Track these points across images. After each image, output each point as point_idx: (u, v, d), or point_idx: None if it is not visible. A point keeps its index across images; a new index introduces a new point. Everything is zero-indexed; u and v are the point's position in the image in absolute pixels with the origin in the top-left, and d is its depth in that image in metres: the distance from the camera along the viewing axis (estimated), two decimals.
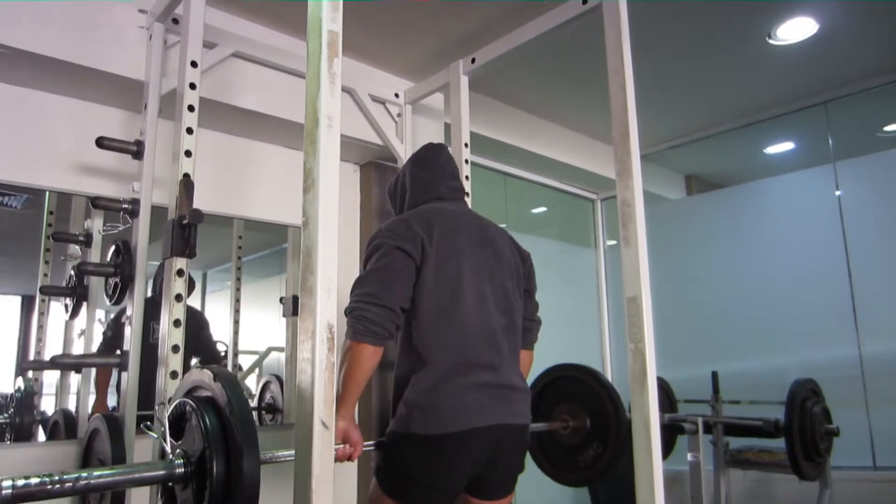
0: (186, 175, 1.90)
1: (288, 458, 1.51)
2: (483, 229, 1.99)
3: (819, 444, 2.89)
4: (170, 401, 1.36)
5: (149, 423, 1.44)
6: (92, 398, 2.42)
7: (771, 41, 3.04)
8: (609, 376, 4.58)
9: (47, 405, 2.39)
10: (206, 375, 1.26)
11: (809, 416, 2.87)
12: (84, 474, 1.14)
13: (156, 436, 1.36)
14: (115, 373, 2.43)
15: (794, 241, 3.89)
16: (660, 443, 1.68)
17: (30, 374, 2.36)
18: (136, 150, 2.14)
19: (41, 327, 2.41)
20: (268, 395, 3.06)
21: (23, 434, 2.27)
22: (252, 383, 3.14)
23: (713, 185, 5.23)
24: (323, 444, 1.04)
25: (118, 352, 2.06)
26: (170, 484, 1.25)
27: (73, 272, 2.44)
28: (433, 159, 2.11)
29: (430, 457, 1.70)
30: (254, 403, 3.12)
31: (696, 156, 4.73)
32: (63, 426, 2.32)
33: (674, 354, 3.35)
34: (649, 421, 1.68)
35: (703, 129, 4.25)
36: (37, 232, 2.40)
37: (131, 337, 2.00)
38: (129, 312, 2.05)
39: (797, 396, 2.86)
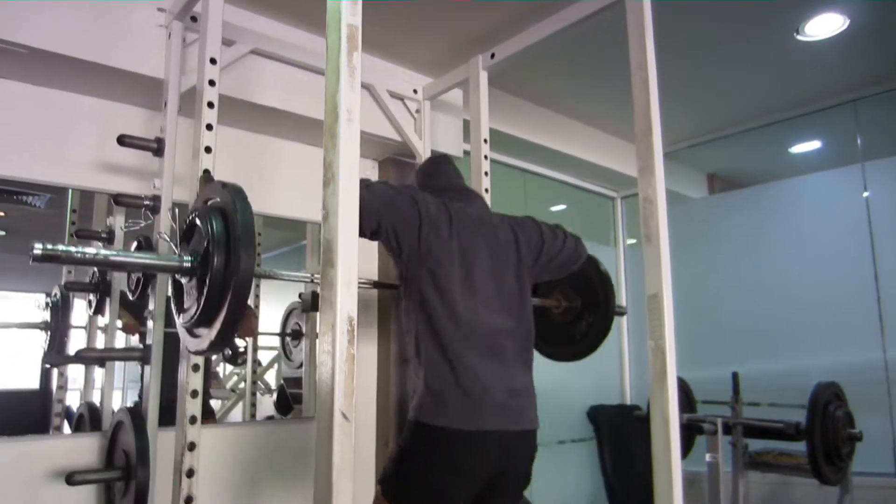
0: (206, 171, 1.91)
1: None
2: (494, 231, 2.00)
3: (841, 449, 2.86)
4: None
5: (163, 232, 1.58)
6: (116, 393, 2.45)
7: (799, 37, 2.98)
8: (627, 372, 4.56)
9: (72, 400, 2.43)
10: (218, 187, 1.39)
11: (832, 420, 2.83)
12: (104, 252, 1.35)
13: (168, 239, 1.52)
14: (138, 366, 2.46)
15: (819, 242, 3.84)
16: (679, 441, 1.66)
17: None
18: (157, 148, 2.16)
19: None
20: (292, 322, 3.09)
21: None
22: (271, 379, 3.17)
23: (736, 184, 5.17)
24: (344, 436, 1.04)
25: (141, 346, 2.08)
26: (177, 276, 1.42)
27: (95, 269, 2.47)
28: (440, 169, 2.15)
29: (438, 458, 1.70)
30: (273, 398, 3.14)
31: (719, 154, 4.68)
32: (88, 419, 2.35)
33: (693, 355, 3.31)
34: (669, 418, 1.66)
35: (727, 128, 4.20)
36: (60, 231, 2.43)
37: (154, 332, 2.02)
38: (151, 307, 2.07)
39: (820, 399, 2.83)
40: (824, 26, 2.90)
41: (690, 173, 5.03)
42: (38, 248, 1.19)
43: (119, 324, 2.49)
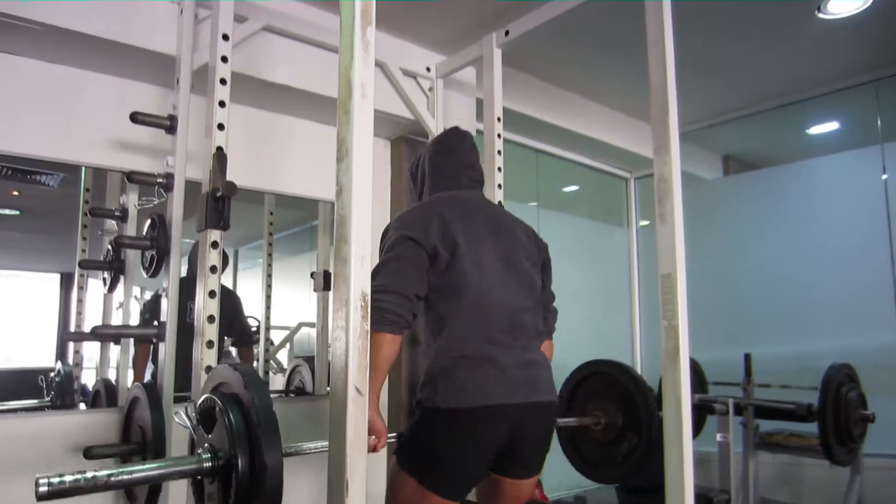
0: (219, 148, 1.92)
1: (312, 451, 1.57)
2: (499, 216, 2.00)
3: (853, 430, 2.85)
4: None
5: (179, 413, 1.50)
6: (130, 372, 2.48)
7: (820, 14, 2.92)
8: (638, 354, 4.57)
9: (88, 378, 2.45)
10: (233, 375, 1.30)
11: (844, 401, 2.82)
12: (116, 471, 1.18)
13: (188, 427, 1.42)
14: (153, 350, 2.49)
15: (835, 224, 3.81)
16: (690, 421, 1.66)
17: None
18: (170, 125, 2.16)
19: (80, 301, 2.47)
20: (297, 380, 3.11)
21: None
22: (283, 358, 3.19)
23: (751, 165, 5.12)
24: (357, 410, 1.05)
25: (156, 323, 2.09)
26: (199, 477, 1.30)
27: (109, 246, 2.49)
28: (455, 147, 2.09)
29: (452, 431, 1.69)
30: (284, 378, 3.17)
31: (735, 135, 4.63)
32: (104, 395, 2.38)
33: (705, 336, 3.30)
34: (681, 398, 1.66)
35: (744, 108, 4.15)
36: (73, 210, 2.45)
37: (168, 308, 2.03)
38: (165, 284, 2.08)
39: (832, 381, 2.82)
40: (847, 4, 2.84)
41: (705, 154, 4.98)
42: (43, 487, 1.08)
43: (133, 301, 2.52)
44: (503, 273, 1.84)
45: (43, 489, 1.07)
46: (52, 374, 2.37)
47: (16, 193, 2.40)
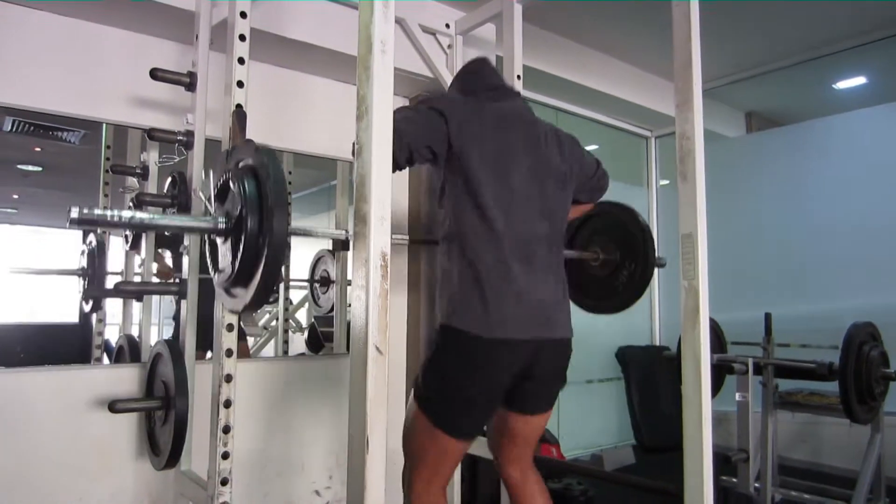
0: (239, 106, 1.91)
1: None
2: (534, 129, 1.92)
3: (874, 389, 2.84)
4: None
5: (197, 189, 1.58)
6: (153, 328, 2.52)
7: None
8: (657, 314, 4.56)
9: (111, 334, 2.50)
10: (251, 149, 1.38)
11: (866, 360, 2.81)
12: (140, 214, 1.31)
13: (203, 198, 1.51)
14: (173, 302, 2.51)
15: (859, 181, 3.74)
16: (709, 380, 1.67)
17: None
18: (189, 82, 2.15)
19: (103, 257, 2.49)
20: (321, 269, 3.14)
21: None
22: (302, 317, 3.23)
23: (775, 122, 5.02)
24: (377, 369, 1.06)
25: (177, 280, 2.12)
26: (212, 236, 1.42)
27: (131, 204, 2.51)
28: (479, 70, 2.03)
29: (468, 353, 1.70)
30: (304, 336, 3.21)
31: (758, 92, 4.53)
32: (128, 351, 2.43)
33: (725, 296, 3.29)
34: (700, 357, 1.66)
35: (768, 63, 4.04)
36: (95, 167, 2.46)
37: (189, 266, 2.06)
38: (186, 242, 2.10)
39: (854, 339, 2.80)
40: None
41: (728, 112, 4.89)
42: (74, 213, 1.18)
43: (154, 268, 2.54)
44: (528, 196, 1.81)
45: (74, 216, 1.19)
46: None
47: (38, 149, 2.42)
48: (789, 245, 3.95)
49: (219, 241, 1.39)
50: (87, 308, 2.44)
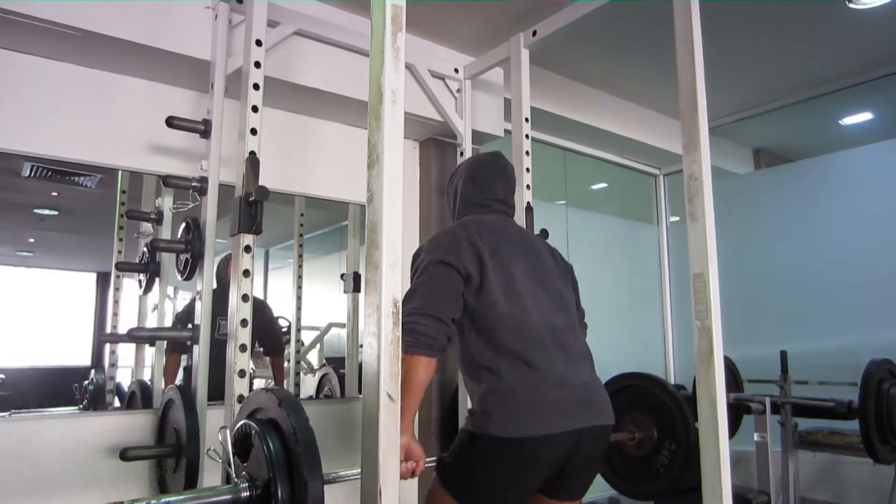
0: (252, 153, 1.94)
1: (352, 478, 1.55)
2: (526, 238, 1.99)
3: None
4: (233, 423, 1.38)
5: (213, 449, 1.47)
6: None
7: (851, 5, 2.87)
8: (671, 354, 4.52)
9: (123, 377, 2.50)
10: (269, 399, 1.27)
11: (886, 398, 2.76)
12: (153, 501, 1.18)
13: (220, 460, 1.38)
14: (184, 359, 2.52)
15: (870, 216, 3.72)
16: (726, 422, 1.64)
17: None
18: (204, 129, 2.19)
19: (116, 302, 2.51)
20: (326, 388, 3.12)
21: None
22: (314, 358, 3.22)
23: (783, 159, 5.03)
24: (389, 417, 1.05)
25: (189, 325, 2.13)
26: None
27: (145, 249, 2.53)
28: (489, 170, 2.07)
29: (507, 459, 1.66)
30: (315, 380, 3.19)
31: (766, 128, 4.55)
32: (139, 396, 2.43)
33: (739, 333, 3.26)
34: (715, 399, 1.64)
35: (774, 101, 4.07)
36: (110, 211, 2.49)
37: (201, 311, 2.07)
38: (199, 287, 2.11)
39: (873, 377, 2.75)
40: None
41: (736, 148, 4.91)
42: None
43: (168, 303, 2.56)
44: (539, 295, 1.83)
45: None
46: (86, 383, 2.41)
47: (55, 194, 2.45)
48: (802, 281, 3.92)
49: None
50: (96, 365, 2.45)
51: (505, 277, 1.79)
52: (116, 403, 2.47)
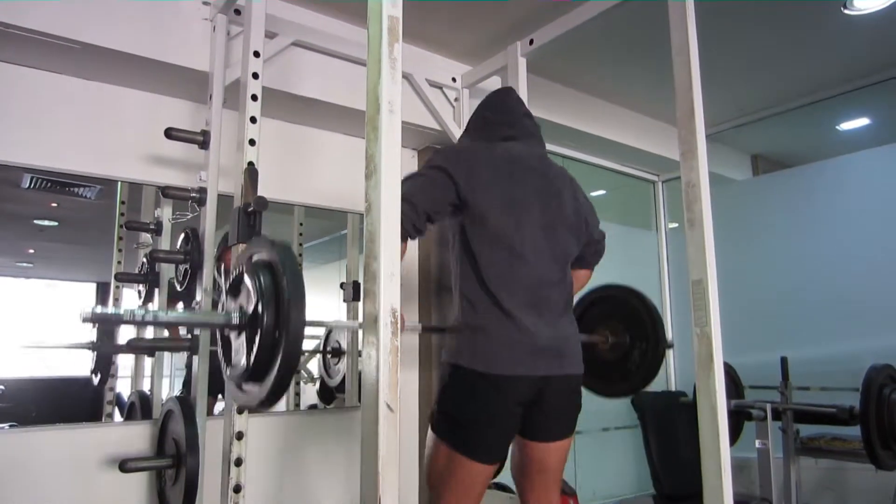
0: (251, 163, 1.94)
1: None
2: (548, 176, 1.97)
3: None
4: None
5: (206, 286, 1.52)
6: (165, 381, 2.52)
7: (847, 10, 2.88)
8: (670, 360, 4.51)
9: (123, 387, 2.49)
10: (264, 243, 1.36)
11: (887, 403, 2.76)
12: (153, 312, 1.28)
13: (210, 293, 1.48)
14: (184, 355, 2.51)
15: (869, 221, 3.72)
16: (727, 428, 1.64)
17: None
18: (203, 140, 2.20)
19: None
20: (333, 340, 3.12)
21: None
22: (314, 367, 3.21)
23: (781, 164, 5.04)
24: (389, 427, 1.05)
25: (189, 336, 2.12)
26: (226, 332, 1.39)
27: (144, 259, 2.53)
28: (501, 101, 2.10)
29: (477, 389, 1.73)
30: (316, 387, 3.18)
31: (763, 135, 4.56)
32: (139, 407, 2.42)
33: (739, 340, 3.25)
34: (716, 406, 1.64)
35: (771, 107, 4.08)
36: (110, 221, 2.49)
37: None
38: (198, 297, 2.11)
39: (874, 382, 2.75)
40: None
41: (734, 155, 4.91)
42: (87, 313, 1.17)
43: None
44: (540, 243, 1.85)
45: (86, 315, 1.17)
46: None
47: (54, 205, 2.45)
48: (802, 286, 3.92)
49: (232, 335, 1.38)
50: (96, 381, 2.43)
51: (511, 219, 1.82)
52: (117, 414, 2.46)
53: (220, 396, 2.42)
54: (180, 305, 2.53)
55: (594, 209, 2.13)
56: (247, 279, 1.30)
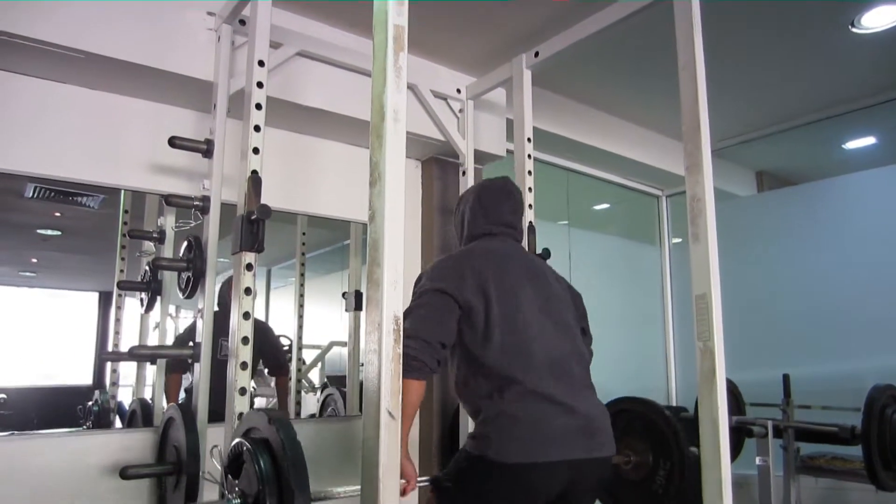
0: (254, 172, 1.95)
1: (342, 496, 1.61)
2: (533, 264, 2.01)
3: None
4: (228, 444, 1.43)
5: (208, 472, 1.49)
6: None
7: (854, 29, 2.88)
8: (673, 375, 4.49)
9: (124, 395, 2.49)
10: (261, 418, 1.31)
11: (889, 423, 2.74)
12: None
13: (216, 480, 1.43)
14: (185, 380, 2.52)
15: (873, 240, 3.72)
16: (728, 444, 1.63)
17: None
18: (206, 149, 2.20)
19: (118, 321, 2.51)
20: (329, 409, 3.11)
21: None
22: (315, 377, 3.20)
23: (786, 181, 5.04)
24: (390, 434, 1.05)
25: (190, 343, 2.12)
26: None
27: (147, 268, 2.54)
28: (498, 194, 2.09)
29: (506, 485, 1.65)
30: (315, 398, 3.17)
31: (769, 151, 4.56)
32: (140, 415, 2.42)
33: (742, 356, 3.24)
34: (718, 421, 1.63)
35: (777, 124, 4.09)
36: (113, 230, 2.50)
37: (203, 329, 2.06)
38: (200, 306, 2.11)
39: (876, 402, 2.73)
40: (881, 18, 2.79)
41: (739, 171, 4.92)
42: None
43: (169, 321, 2.55)
44: (544, 323, 1.83)
45: None
46: (89, 403, 2.40)
47: (58, 214, 2.46)
48: (805, 303, 3.91)
49: None
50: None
51: (510, 306, 1.80)
52: (118, 422, 2.46)
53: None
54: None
55: (582, 298, 2.12)
56: (246, 462, 1.25)
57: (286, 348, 3.01)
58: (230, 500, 1.28)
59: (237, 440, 1.33)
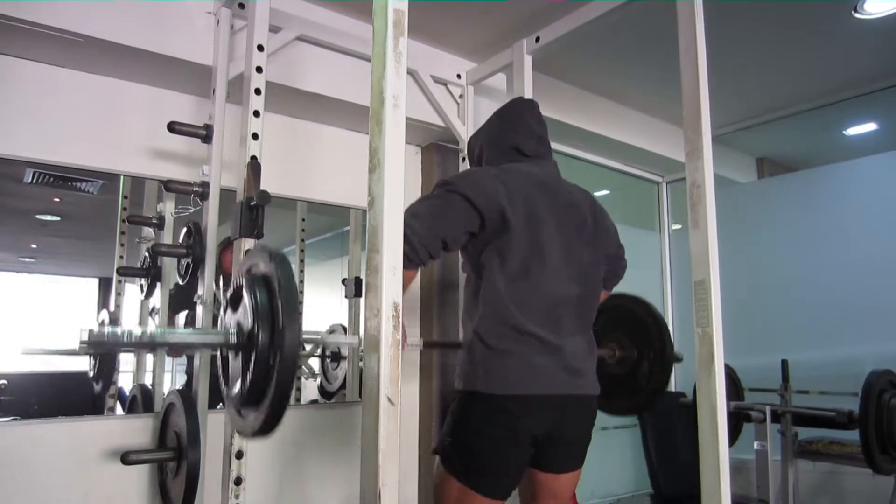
0: (254, 157, 1.94)
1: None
2: (567, 195, 1.94)
3: None
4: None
5: (204, 297, 1.51)
6: (167, 375, 2.52)
7: (857, 15, 2.86)
8: None
9: (125, 381, 2.50)
10: (262, 256, 1.34)
11: (887, 409, 2.76)
12: (150, 331, 1.29)
13: (209, 304, 1.47)
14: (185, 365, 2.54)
15: (873, 226, 3.72)
16: (726, 429, 1.64)
17: None
18: (206, 134, 2.20)
19: (118, 307, 2.51)
20: (332, 346, 3.12)
21: None
22: (315, 364, 3.21)
23: (786, 168, 5.03)
24: (390, 421, 1.06)
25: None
26: (225, 352, 1.39)
27: (147, 254, 2.54)
28: (520, 115, 2.03)
29: (492, 415, 1.69)
30: (317, 382, 3.19)
31: (770, 138, 4.55)
32: (141, 401, 2.42)
33: (740, 342, 3.25)
34: (716, 407, 1.64)
35: (778, 110, 4.07)
36: (112, 216, 2.49)
37: (202, 315, 2.07)
38: (200, 291, 2.11)
39: (874, 387, 2.75)
40: (884, 3, 2.77)
41: (739, 157, 4.91)
42: (84, 336, 1.14)
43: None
44: (560, 262, 1.82)
45: (84, 338, 1.15)
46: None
47: (56, 200, 2.46)
48: (804, 290, 3.92)
49: (230, 354, 1.35)
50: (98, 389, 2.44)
51: (532, 238, 1.78)
52: (119, 408, 2.47)
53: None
54: (180, 318, 2.53)
55: (615, 229, 2.12)
56: (245, 294, 1.28)
57: None
58: (227, 329, 1.31)
59: (239, 278, 1.37)
